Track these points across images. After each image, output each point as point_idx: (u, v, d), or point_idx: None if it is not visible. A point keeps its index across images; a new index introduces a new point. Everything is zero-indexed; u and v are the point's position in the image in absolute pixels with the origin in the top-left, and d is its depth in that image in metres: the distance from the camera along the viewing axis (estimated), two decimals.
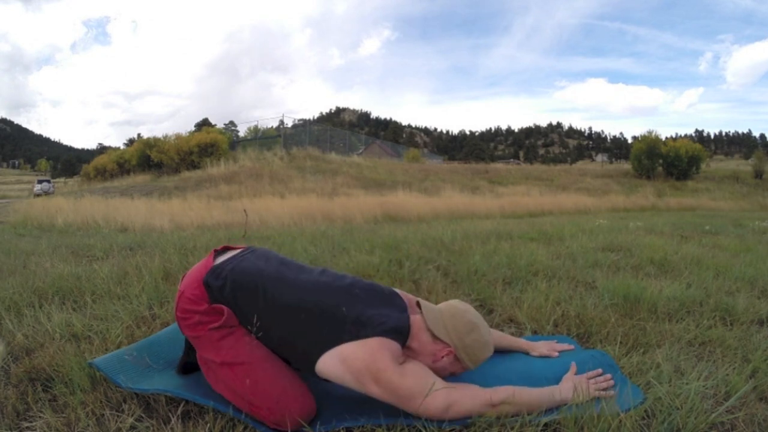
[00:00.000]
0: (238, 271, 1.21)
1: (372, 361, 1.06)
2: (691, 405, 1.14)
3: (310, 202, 10.06)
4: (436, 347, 1.18)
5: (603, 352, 1.48)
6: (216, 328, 1.16)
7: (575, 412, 1.08)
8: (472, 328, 1.19)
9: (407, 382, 1.06)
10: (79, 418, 1.11)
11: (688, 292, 2.27)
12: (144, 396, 1.22)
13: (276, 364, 1.17)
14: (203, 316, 1.17)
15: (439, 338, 1.17)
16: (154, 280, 2.36)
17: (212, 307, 1.17)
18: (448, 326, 1.18)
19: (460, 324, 1.18)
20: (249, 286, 1.19)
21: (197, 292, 1.20)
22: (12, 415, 1.14)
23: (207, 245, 3.78)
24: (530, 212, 12.47)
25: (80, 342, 1.54)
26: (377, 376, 1.05)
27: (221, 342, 1.15)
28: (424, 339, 1.18)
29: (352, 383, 1.08)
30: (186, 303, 1.19)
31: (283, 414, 1.07)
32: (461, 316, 1.20)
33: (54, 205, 8.99)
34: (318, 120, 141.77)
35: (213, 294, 1.19)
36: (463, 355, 1.17)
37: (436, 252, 3.52)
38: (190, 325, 1.18)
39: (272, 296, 1.17)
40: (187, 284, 1.24)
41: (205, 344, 1.17)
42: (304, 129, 29.13)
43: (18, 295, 2.08)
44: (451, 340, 1.17)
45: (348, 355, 1.08)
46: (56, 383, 1.26)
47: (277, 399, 1.09)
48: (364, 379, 1.06)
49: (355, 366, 1.07)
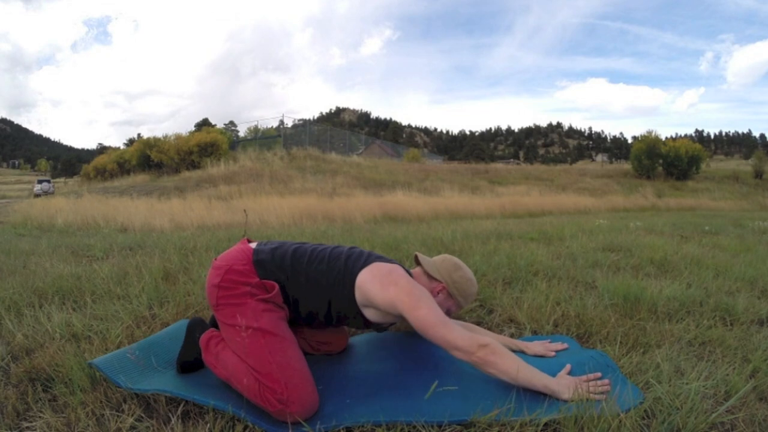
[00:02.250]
0: (279, 248, 1.43)
1: (393, 270, 1.35)
2: (690, 405, 1.14)
3: (310, 202, 10.06)
4: (431, 285, 1.48)
5: (602, 352, 1.48)
6: (263, 300, 1.29)
7: (575, 411, 1.08)
8: (458, 267, 1.52)
9: (418, 291, 1.30)
10: (79, 418, 1.11)
11: (688, 292, 2.27)
12: (144, 396, 1.22)
13: (300, 351, 1.28)
14: (254, 288, 1.31)
15: (433, 277, 1.49)
16: (154, 280, 2.36)
17: (264, 282, 1.33)
18: (439, 267, 1.50)
19: (449, 264, 1.52)
20: (295, 254, 1.40)
21: (247, 267, 1.35)
22: (12, 415, 1.14)
23: (207, 245, 3.78)
24: (530, 212, 12.46)
25: (80, 342, 1.54)
26: (397, 280, 1.31)
27: (264, 313, 1.27)
28: (423, 281, 1.49)
29: (378, 287, 1.30)
30: (235, 275, 1.32)
31: (293, 393, 1.13)
32: (449, 260, 1.53)
33: (54, 205, 9.01)
34: (318, 120, 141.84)
35: (261, 271, 1.35)
36: (453, 290, 1.49)
37: (437, 251, 3.51)
38: (237, 295, 1.30)
39: (315, 256, 1.40)
40: (234, 260, 1.37)
41: (246, 312, 1.27)
42: (304, 129, 29.10)
43: (18, 295, 2.08)
44: (443, 277, 1.49)
45: (375, 267, 1.36)
46: (56, 383, 1.27)
47: (297, 376, 1.18)
48: (387, 281, 1.30)
49: (380, 272, 1.33)
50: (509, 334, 1.82)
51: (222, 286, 1.31)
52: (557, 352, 1.53)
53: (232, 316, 1.27)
